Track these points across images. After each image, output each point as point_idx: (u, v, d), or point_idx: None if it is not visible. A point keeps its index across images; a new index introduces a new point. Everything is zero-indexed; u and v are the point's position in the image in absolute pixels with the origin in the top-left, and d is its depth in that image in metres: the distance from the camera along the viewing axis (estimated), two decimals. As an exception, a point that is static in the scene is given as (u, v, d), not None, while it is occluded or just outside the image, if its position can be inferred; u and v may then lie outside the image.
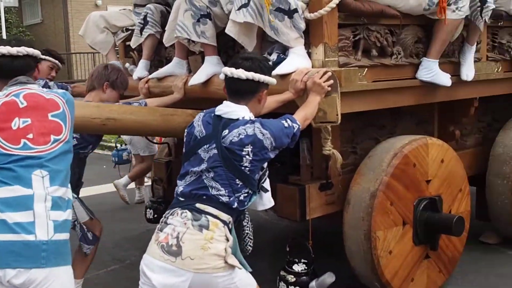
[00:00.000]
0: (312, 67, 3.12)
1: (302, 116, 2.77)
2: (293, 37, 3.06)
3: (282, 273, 3.29)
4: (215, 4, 3.40)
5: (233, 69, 2.60)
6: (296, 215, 3.42)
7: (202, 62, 3.60)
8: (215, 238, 2.43)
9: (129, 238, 5.25)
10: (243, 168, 2.50)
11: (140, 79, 4.04)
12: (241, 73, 2.58)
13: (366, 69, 3.32)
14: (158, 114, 3.23)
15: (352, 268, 3.58)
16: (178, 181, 2.63)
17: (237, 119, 2.56)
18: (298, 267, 3.27)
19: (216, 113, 2.63)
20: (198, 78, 3.48)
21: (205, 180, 2.51)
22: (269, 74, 2.68)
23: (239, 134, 2.50)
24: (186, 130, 2.73)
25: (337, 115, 2.98)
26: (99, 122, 2.97)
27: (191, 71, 3.83)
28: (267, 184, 2.72)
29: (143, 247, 2.63)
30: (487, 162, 4.51)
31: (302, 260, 3.33)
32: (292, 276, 3.25)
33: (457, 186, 3.84)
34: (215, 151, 2.52)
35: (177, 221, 2.46)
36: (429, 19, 3.60)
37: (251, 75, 2.58)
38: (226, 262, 2.44)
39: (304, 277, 3.24)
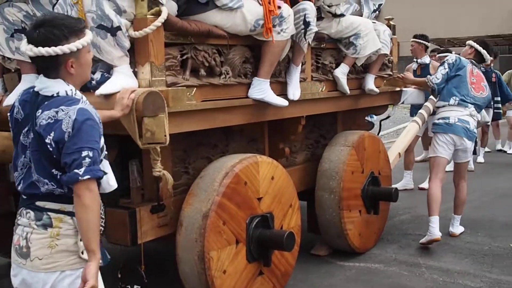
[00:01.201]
0: (139, 86, 3.03)
1: None
2: (117, 56, 2.95)
3: (113, 301, 3.13)
4: (30, 19, 3.18)
5: (22, 45, 2.23)
6: (127, 239, 3.28)
7: (19, 80, 3.34)
8: (62, 233, 2.24)
9: None
10: (55, 157, 2.19)
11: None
12: (29, 51, 2.18)
13: (195, 88, 3.30)
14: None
15: (187, 291, 3.51)
16: (14, 173, 2.35)
17: (52, 96, 2.22)
18: (130, 294, 3.15)
19: (35, 89, 2.29)
20: (12, 98, 3.22)
21: (33, 174, 2.25)
22: (67, 37, 2.18)
23: (48, 118, 2.17)
24: (8, 113, 2.41)
25: (165, 135, 2.91)
26: None
27: (7, 90, 3.55)
28: (105, 166, 2.33)
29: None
30: (315, 177, 4.71)
31: (135, 286, 3.21)
32: (125, 303, 3.11)
33: (288, 202, 3.95)
34: (32, 135, 2.23)
35: (24, 221, 2.27)
36: (256, 40, 3.67)
37: (40, 50, 2.16)
38: (80, 257, 2.25)
39: (138, 303, 3.12)
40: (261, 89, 3.69)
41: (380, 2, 5.06)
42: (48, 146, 2.17)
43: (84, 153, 2.15)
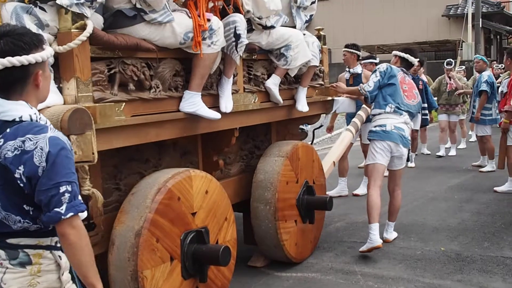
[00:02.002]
0: (65, 103, 2.92)
1: None
2: (40, 72, 2.83)
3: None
4: None
5: None
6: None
7: None
8: (43, 269, 2.10)
9: None
10: (26, 192, 2.01)
11: None
12: None
13: (124, 103, 3.21)
14: None
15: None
16: None
17: (14, 121, 2.02)
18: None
19: None
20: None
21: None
22: (37, 45, 2.07)
23: (14, 149, 1.98)
24: None
25: (93, 153, 2.81)
26: None
27: None
28: None
29: None
30: (250, 188, 4.70)
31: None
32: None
33: (223, 216, 3.91)
34: None
35: None
36: (187, 53, 3.62)
37: (10, 61, 1.98)
38: None
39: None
40: (193, 102, 3.64)
41: (312, 13, 5.11)
42: (18, 181, 1.98)
43: (63, 189, 1.99)
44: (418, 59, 7.65)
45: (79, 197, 2.10)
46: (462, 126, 11.42)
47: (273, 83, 4.56)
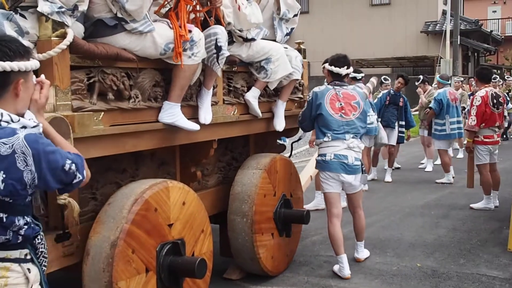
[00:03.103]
0: (42, 111, 2.89)
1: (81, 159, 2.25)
2: (18, 79, 2.80)
3: None
4: None
5: None
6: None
7: None
8: (11, 283, 2.06)
9: None
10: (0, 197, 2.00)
11: None
12: None
13: (103, 113, 3.19)
14: None
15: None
16: None
17: None
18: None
19: None
20: None
21: None
22: (22, 55, 2.11)
23: None
24: None
25: (70, 162, 2.78)
26: None
27: None
28: None
29: None
30: (228, 200, 4.68)
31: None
32: None
33: (199, 228, 3.89)
34: None
35: None
36: (167, 63, 3.62)
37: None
38: None
39: None
40: (172, 113, 3.63)
41: (293, 26, 5.13)
42: None
43: (67, 167, 2.11)
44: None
45: (78, 153, 2.24)
46: None
47: (252, 96, 4.57)
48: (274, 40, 4.88)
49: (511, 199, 6.97)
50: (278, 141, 5.69)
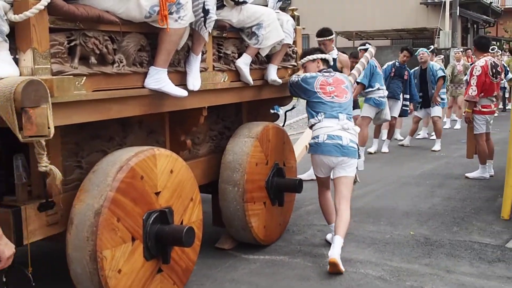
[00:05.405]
0: (21, 74, 2.79)
1: None
2: (-7, 41, 2.70)
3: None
4: None
5: None
6: (11, 240, 3.03)
7: None
8: None
9: None
10: None
11: None
12: None
13: (85, 77, 3.08)
14: None
15: (79, 292, 3.31)
16: None
17: None
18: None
19: None
20: None
21: None
22: None
23: None
24: None
25: (49, 128, 2.69)
26: None
27: None
28: None
29: None
30: (219, 169, 4.61)
31: (22, 290, 2.99)
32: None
33: (188, 196, 3.82)
34: None
35: None
36: (153, 27, 3.50)
37: None
38: None
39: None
40: (158, 78, 3.53)
41: None
42: None
43: None
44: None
45: None
46: None
47: (243, 62, 4.46)
48: (266, 6, 4.75)
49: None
50: (271, 110, 5.59)
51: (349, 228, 5.12)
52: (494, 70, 7.18)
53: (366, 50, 8.30)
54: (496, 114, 13.48)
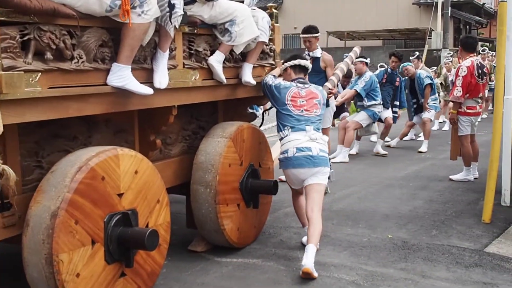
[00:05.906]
0: (-32, 70, 2.67)
1: None
2: None
3: None
4: None
5: None
6: (-36, 243, 2.92)
7: None
8: None
9: None
10: None
11: None
12: None
13: (40, 74, 2.95)
14: None
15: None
16: None
17: None
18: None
19: None
20: None
21: None
22: None
23: None
24: None
25: (-4, 125, 2.57)
26: None
27: None
28: None
29: None
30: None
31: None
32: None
33: (155, 198, 3.69)
34: None
35: None
36: (116, 22, 3.36)
37: None
38: None
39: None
40: (121, 75, 3.39)
41: None
42: None
43: None
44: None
45: None
46: None
47: (216, 60, 4.33)
48: (242, 2, 4.63)
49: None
50: (249, 109, 5.47)
51: (327, 231, 5.05)
52: (480, 71, 7.08)
53: (361, 62, 8.90)
54: (485, 116, 13.49)
